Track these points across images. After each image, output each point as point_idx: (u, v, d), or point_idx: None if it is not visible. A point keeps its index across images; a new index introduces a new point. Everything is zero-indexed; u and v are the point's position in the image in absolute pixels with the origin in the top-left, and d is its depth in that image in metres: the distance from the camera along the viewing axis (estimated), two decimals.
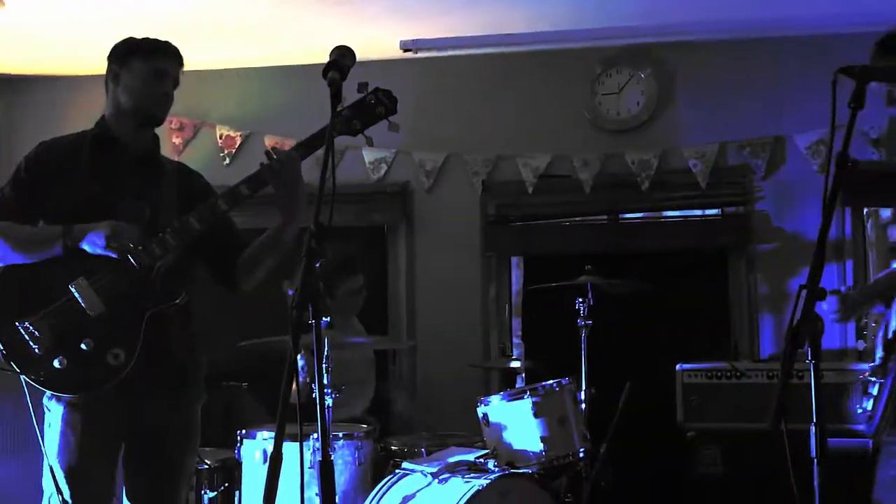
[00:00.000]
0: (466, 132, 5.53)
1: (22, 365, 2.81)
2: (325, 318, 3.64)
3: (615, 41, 5.26)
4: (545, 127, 5.46)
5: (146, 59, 2.98)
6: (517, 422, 3.93)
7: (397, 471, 3.82)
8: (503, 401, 4.00)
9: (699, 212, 5.50)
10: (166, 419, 2.96)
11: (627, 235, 5.54)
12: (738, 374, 4.52)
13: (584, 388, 4.36)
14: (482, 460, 3.82)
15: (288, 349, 2.18)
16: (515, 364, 4.93)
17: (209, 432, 3.35)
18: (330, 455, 2.23)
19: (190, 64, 3.08)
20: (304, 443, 3.53)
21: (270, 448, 2.16)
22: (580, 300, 4.50)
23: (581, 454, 3.99)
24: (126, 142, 3.03)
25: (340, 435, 3.86)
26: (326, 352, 3.73)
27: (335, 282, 4.66)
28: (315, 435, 3.51)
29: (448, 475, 3.65)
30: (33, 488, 2.98)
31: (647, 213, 5.57)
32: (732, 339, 5.23)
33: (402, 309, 5.60)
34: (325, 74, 2.44)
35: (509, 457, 3.87)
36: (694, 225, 5.50)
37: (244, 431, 3.94)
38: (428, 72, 5.50)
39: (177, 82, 3.05)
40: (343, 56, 2.49)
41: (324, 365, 3.67)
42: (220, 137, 5.72)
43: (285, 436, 2.16)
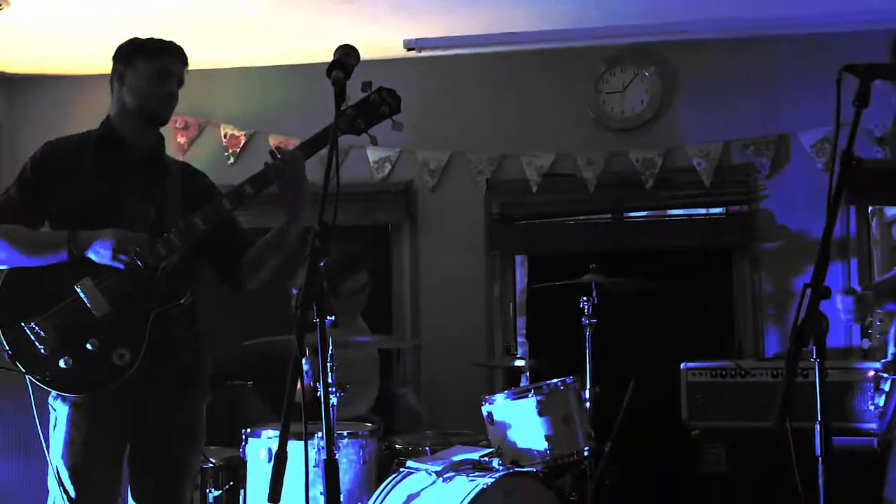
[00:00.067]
0: (470, 131, 5.53)
1: (27, 365, 2.81)
2: (330, 318, 3.63)
3: (619, 40, 5.26)
4: (549, 125, 5.45)
5: (151, 59, 2.98)
6: (522, 420, 3.93)
7: (402, 469, 3.82)
8: (507, 399, 4.00)
9: (703, 210, 5.49)
10: (171, 419, 2.97)
11: (631, 234, 5.54)
12: (743, 373, 4.51)
13: (589, 387, 4.36)
14: (486, 459, 3.81)
15: (292, 348, 2.18)
16: (520, 363, 4.94)
17: (214, 431, 3.35)
18: (334, 454, 2.23)
19: (194, 63, 3.08)
20: (309, 441, 3.57)
21: (275, 447, 2.16)
22: (584, 299, 4.50)
23: (585, 453, 3.99)
24: (131, 142, 3.03)
25: (345, 434, 3.86)
26: (331, 351, 3.73)
27: (338, 280, 4.66)
28: (320, 434, 3.52)
29: (452, 474, 3.64)
30: (38, 488, 2.99)
31: (652, 212, 5.57)
32: (737, 338, 5.23)
33: (407, 308, 5.60)
34: (329, 73, 2.44)
35: (514, 455, 3.87)
36: (698, 223, 5.50)
37: (249, 430, 3.94)
38: (432, 71, 5.50)
39: (181, 82, 3.04)
40: (347, 55, 2.49)
41: (328, 364, 3.66)
42: (225, 137, 5.73)
43: (290, 434, 2.16)
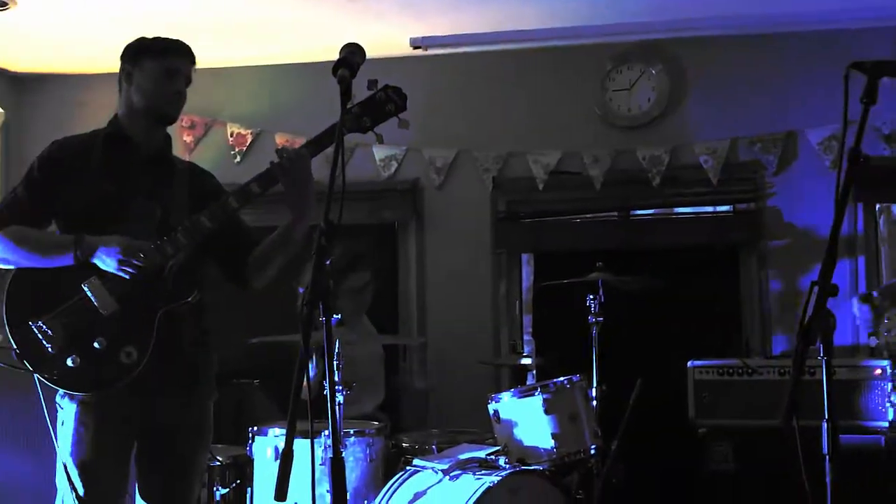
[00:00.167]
0: (477, 129, 5.52)
1: (35, 364, 2.82)
2: (336, 316, 3.64)
3: (626, 37, 5.25)
4: (556, 123, 5.45)
5: (158, 59, 2.98)
6: (528, 418, 3.93)
7: (408, 467, 3.82)
8: (514, 398, 4.00)
9: (710, 208, 5.48)
10: (178, 417, 2.97)
11: (638, 232, 5.53)
12: (750, 371, 4.51)
13: (595, 385, 4.35)
14: (493, 457, 3.81)
15: (298, 347, 2.19)
16: (526, 361, 4.93)
17: (221, 429, 3.36)
18: (341, 452, 2.23)
19: (200, 62, 3.08)
20: (316, 440, 3.57)
21: (282, 445, 2.16)
22: (591, 297, 4.49)
23: (592, 451, 3.98)
24: (138, 141, 3.03)
25: (352, 432, 3.86)
26: (337, 349, 3.73)
27: (340, 278, 4.66)
28: (326, 432, 3.52)
29: (459, 472, 3.65)
30: (47, 485, 3.00)
31: (658, 210, 5.56)
32: (744, 336, 5.22)
33: (413, 306, 5.60)
34: (335, 72, 2.44)
35: (520, 453, 3.87)
36: (705, 221, 5.48)
37: (256, 428, 3.95)
38: (438, 69, 5.50)
39: (189, 81, 3.04)
40: (353, 53, 2.49)
41: (334, 362, 3.67)
42: (231, 135, 5.73)
43: (296, 433, 2.16)
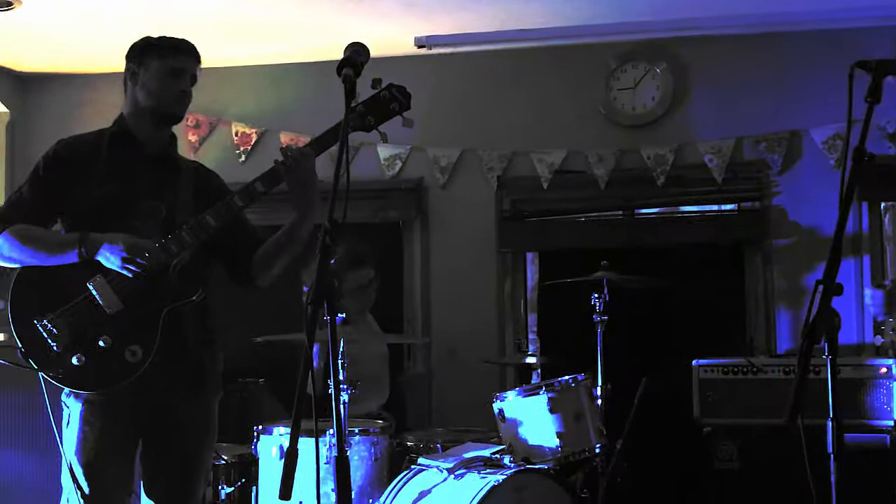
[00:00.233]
0: (481, 128, 5.52)
1: (40, 362, 2.82)
2: (341, 315, 3.64)
3: (630, 36, 5.25)
4: (560, 122, 5.45)
5: (163, 58, 2.98)
6: (533, 417, 3.93)
7: (413, 466, 3.82)
8: (519, 396, 4.00)
9: (715, 207, 5.48)
10: (184, 415, 2.98)
11: (643, 231, 5.53)
12: (755, 370, 4.50)
13: (600, 384, 4.35)
14: (498, 456, 3.81)
15: (303, 346, 2.19)
16: (531, 360, 4.93)
17: (226, 428, 3.36)
18: (346, 451, 2.24)
19: (205, 61, 3.08)
20: (320, 438, 3.57)
21: (287, 444, 2.16)
22: (596, 296, 4.48)
23: (597, 450, 3.98)
24: (144, 140, 3.04)
25: (356, 431, 3.87)
26: (342, 348, 3.74)
27: (343, 275, 4.65)
28: (331, 431, 3.52)
29: (464, 471, 3.65)
30: (52, 484, 3.00)
31: (663, 209, 5.56)
32: (749, 335, 5.22)
33: (418, 305, 5.60)
34: (340, 71, 2.44)
35: (525, 452, 3.87)
36: (710, 220, 5.48)
37: (261, 427, 3.96)
38: (442, 68, 5.50)
39: (194, 80, 3.04)
40: (357, 53, 2.49)
41: (339, 361, 3.67)
42: (236, 135, 5.74)
43: (301, 432, 2.17)
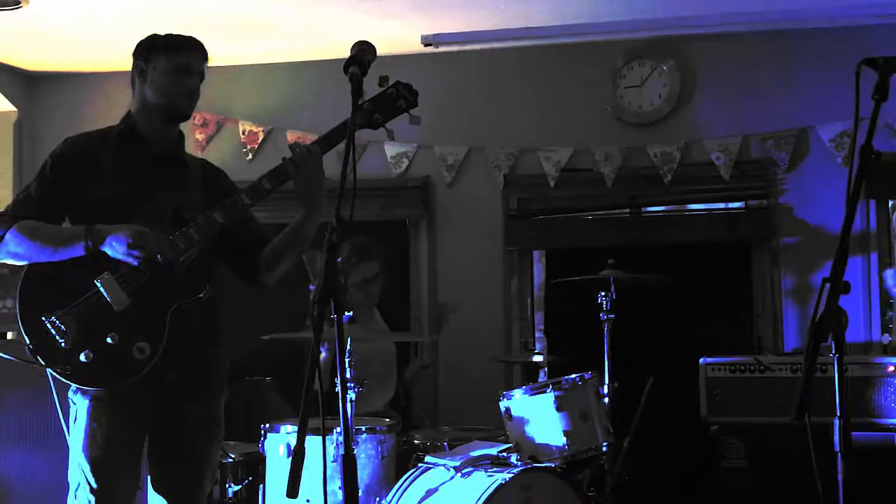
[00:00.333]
0: (488, 126, 5.52)
1: (48, 359, 2.83)
2: (348, 313, 3.65)
3: (637, 34, 5.24)
4: (567, 120, 5.44)
5: (171, 55, 2.99)
6: (540, 416, 3.93)
7: (420, 465, 3.83)
8: (525, 395, 4.00)
9: (722, 205, 5.47)
10: (191, 413, 2.98)
11: (650, 229, 5.52)
12: (762, 368, 4.49)
13: (607, 382, 4.35)
14: (505, 454, 3.81)
15: (310, 344, 2.19)
16: (538, 358, 4.93)
17: (233, 426, 3.37)
18: (353, 449, 2.24)
19: (212, 60, 3.09)
20: (327, 437, 3.58)
21: (294, 442, 2.17)
22: (602, 294, 4.49)
23: (604, 448, 3.98)
24: (152, 138, 3.04)
25: (363, 429, 3.87)
26: (349, 346, 3.74)
27: (349, 270, 4.65)
28: (338, 429, 3.53)
29: (471, 469, 3.65)
30: (60, 480, 3.01)
31: (670, 207, 5.55)
32: (756, 333, 5.21)
33: (424, 303, 5.60)
34: (347, 69, 2.45)
35: (532, 451, 3.87)
36: (717, 218, 5.47)
37: (268, 425, 3.96)
38: (449, 66, 5.50)
39: (202, 77, 3.05)
40: (364, 51, 2.50)
41: (346, 359, 3.68)
42: (243, 133, 5.74)
43: (308, 430, 2.17)
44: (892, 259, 5.09)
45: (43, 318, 2.83)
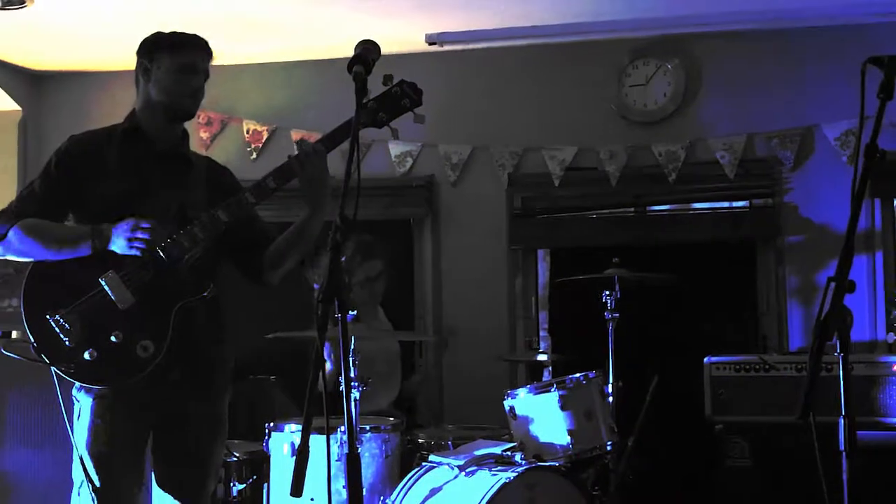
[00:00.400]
0: (492, 125, 5.52)
1: (53, 357, 2.84)
2: (352, 312, 3.64)
3: (642, 33, 5.23)
4: (571, 119, 5.44)
5: (175, 54, 2.99)
6: (544, 415, 3.92)
7: (424, 463, 3.83)
8: (530, 394, 3.99)
9: (727, 204, 5.45)
10: (195, 411, 2.99)
11: (654, 228, 5.51)
12: (767, 367, 4.49)
13: (612, 382, 4.35)
14: (509, 453, 3.81)
15: (314, 343, 2.19)
16: (542, 357, 4.92)
17: (237, 425, 3.37)
18: (357, 448, 2.24)
19: (217, 59, 3.08)
20: (332, 436, 3.58)
21: (298, 441, 2.17)
22: (607, 293, 4.48)
23: (608, 447, 3.98)
24: (156, 136, 3.05)
25: (367, 428, 3.87)
26: (353, 345, 3.74)
27: (352, 268, 4.65)
28: (342, 428, 3.53)
29: (475, 468, 3.65)
30: (63, 478, 3.02)
31: (675, 206, 5.54)
32: (761, 332, 5.20)
33: (429, 302, 5.60)
34: (351, 69, 2.45)
35: (536, 450, 3.87)
36: (722, 217, 5.45)
37: (272, 424, 3.96)
38: (453, 65, 5.49)
39: (207, 75, 3.05)
40: (368, 50, 2.50)
41: (350, 358, 3.67)
42: (248, 132, 5.74)
43: (312, 429, 2.17)
44: None
45: (47, 317, 2.84)
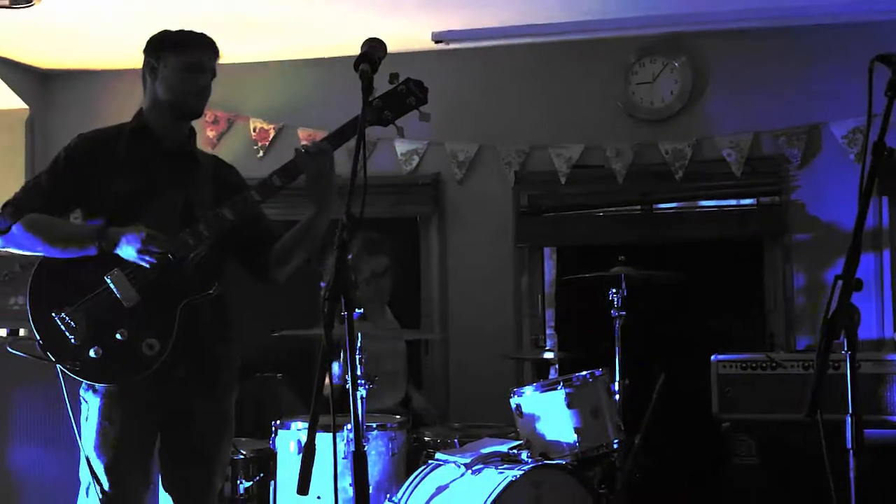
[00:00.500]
0: (499, 123, 5.51)
1: (58, 355, 2.84)
2: (359, 310, 3.65)
3: (649, 30, 5.22)
4: (578, 117, 5.43)
5: (182, 53, 2.99)
6: (550, 413, 3.92)
7: (430, 461, 3.83)
8: (536, 392, 3.99)
9: (734, 202, 5.45)
10: (201, 409, 2.99)
11: (661, 226, 5.50)
12: (774, 365, 4.48)
13: (618, 380, 4.34)
14: (515, 451, 3.81)
15: (320, 341, 2.19)
16: (548, 355, 4.91)
17: (244, 423, 3.37)
18: (363, 446, 2.24)
19: (223, 57, 3.08)
20: (338, 434, 3.58)
21: (305, 439, 2.17)
22: (614, 291, 4.47)
23: (615, 445, 3.98)
24: (163, 134, 3.05)
25: (374, 426, 3.87)
26: (360, 343, 3.74)
27: (358, 264, 4.64)
28: (349, 426, 3.53)
29: (481, 466, 3.65)
30: (71, 478, 3.02)
31: (681, 203, 5.53)
32: (768, 330, 5.19)
33: (435, 300, 5.60)
34: (357, 67, 2.44)
35: (543, 448, 3.87)
36: (729, 215, 5.45)
37: (279, 422, 3.97)
38: (460, 63, 5.49)
39: (213, 74, 3.05)
40: (374, 48, 2.50)
41: (357, 356, 3.67)
42: (254, 130, 5.75)
43: (319, 427, 2.17)
44: None
45: (53, 315, 2.85)
